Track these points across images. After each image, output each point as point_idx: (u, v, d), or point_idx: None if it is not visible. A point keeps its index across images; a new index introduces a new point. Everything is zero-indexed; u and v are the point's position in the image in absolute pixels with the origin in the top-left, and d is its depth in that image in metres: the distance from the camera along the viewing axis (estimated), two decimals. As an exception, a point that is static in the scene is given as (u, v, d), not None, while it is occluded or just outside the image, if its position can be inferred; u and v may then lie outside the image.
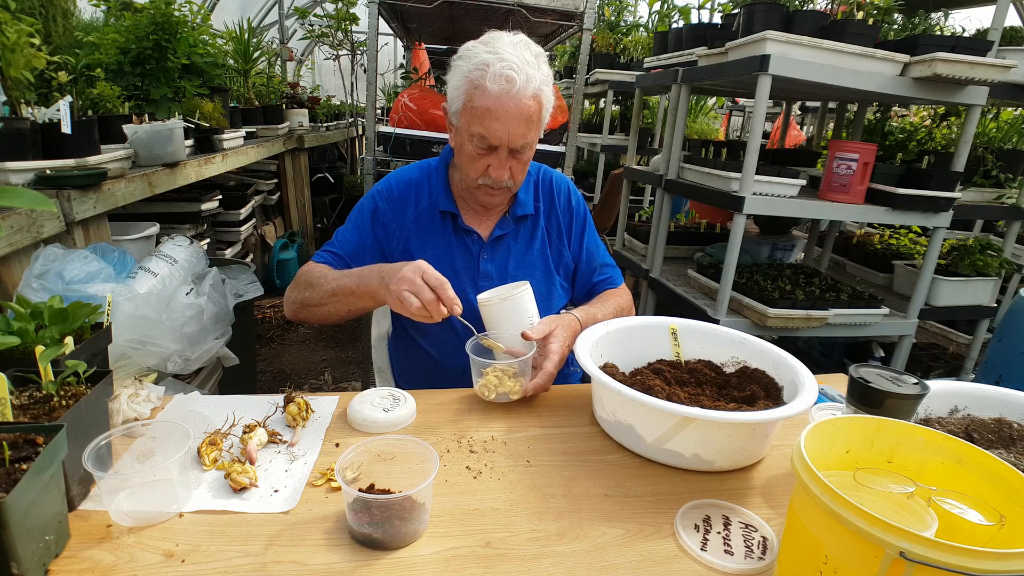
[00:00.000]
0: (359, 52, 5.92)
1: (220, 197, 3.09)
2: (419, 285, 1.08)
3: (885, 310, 2.46)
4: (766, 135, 6.08)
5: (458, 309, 1.10)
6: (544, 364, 1.17)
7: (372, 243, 1.41)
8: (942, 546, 0.53)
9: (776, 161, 3.00)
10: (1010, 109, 3.23)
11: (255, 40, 3.90)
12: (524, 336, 1.18)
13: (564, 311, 1.37)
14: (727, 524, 0.86)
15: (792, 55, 2.04)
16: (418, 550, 0.78)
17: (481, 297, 1.23)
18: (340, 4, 5.05)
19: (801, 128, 7.35)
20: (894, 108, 3.78)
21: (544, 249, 1.48)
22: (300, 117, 4.76)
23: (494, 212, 1.44)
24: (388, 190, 1.44)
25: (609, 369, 1.15)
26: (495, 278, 1.42)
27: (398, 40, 5.62)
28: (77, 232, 1.67)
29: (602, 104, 4.81)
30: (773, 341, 1.22)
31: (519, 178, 1.34)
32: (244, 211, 3.50)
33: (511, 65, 1.18)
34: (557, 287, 1.49)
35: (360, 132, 7.28)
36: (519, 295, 1.22)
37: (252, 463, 0.92)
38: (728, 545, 0.82)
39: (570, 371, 1.51)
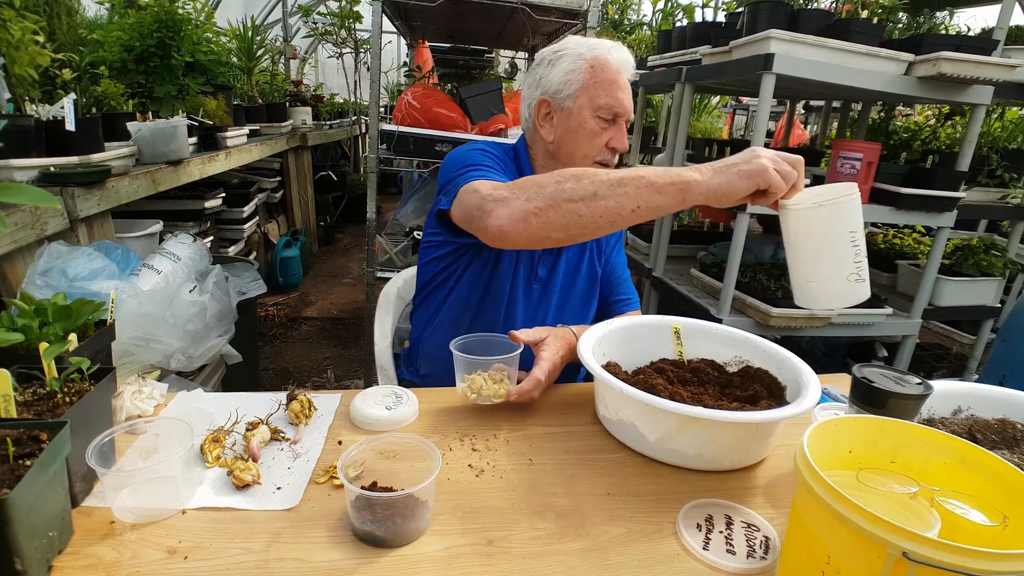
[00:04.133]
0: (362, 50, 5.93)
1: (223, 195, 3.11)
2: (782, 166, 0.92)
3: (888, 310, 2.45)
4: (770, 134, 6.07)
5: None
6: (533, 371, 1.13)
7: None
8: (945, 547, 0.53)
9: (780, 160, 2.99)
10: (1015, 109, 3.21)
11: (259, 38, 3.91)
12: (511, 337, 1.16)
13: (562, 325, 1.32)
14: (729, 524, 0.86)
15: (796, 54, 2.04)
16: (420, 548, 0.78)
17: (789, 202, 0.95)
18: (343, 2, 5.05)
19: (805, 127, 7.33)
20: (898, 107, 3.77)
21: (592, 259, 1.47)
22: (303, 115, 4.77)
23: None
24: (499, 156, 1.36)
25: (612, 368, 1.15)
26: (544, 281, 1.41)
27: (402, 38, 5.62)
28: (81, 229, 1.67)
29: (605, 103, 4.79)
30: (776, 341, 1.22)
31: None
32: (247, 209, 3.51)
33: (622, 47, 1.31)
34: (594, 302, 1.49)
35: (363, 130, 7.30)
36: (846, 198, 0.90)
37: (255, 460, 0.92)
38: (730, 544, 0.82)
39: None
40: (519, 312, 1.40)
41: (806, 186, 0.97)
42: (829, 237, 0.92)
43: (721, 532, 0.84)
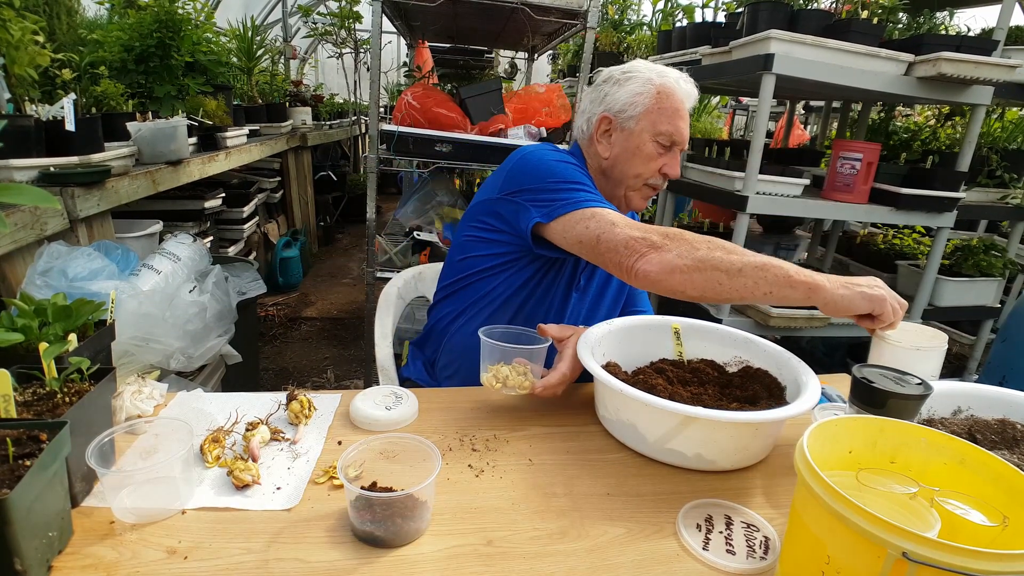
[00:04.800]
0: (362, 50, 5.93)
1: (223, 195, 3.10)
2: (894, 302, 1.04)
3: (888, 310, 2.45)
4: (770, 134, 6.06)
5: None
6: (558, 365, 1.14)
7: None
8: (945, 547, 0.53)
9: (780, 160, 3.00)
10: (1015, 109, 3.22)
11: (258, 38, 3.91)
12: (540, 331, 1.17)
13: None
14: (729, 524, 0.86)
15: (796, 54, 2.04)
16: (420, 548, 0.78)
17: (890, 336, 1.07)
18: (343, 2, 5.05)
19: (805, 127, 7.33)
20: (898, 107, 3.77)
21: None
22: (303, 115, 4.76)
23: None
24: (580, 167, 1.34)
25: (612, 368, 1.15)
26: (583, 288, 1.44)
27: (401, 38, 5.62)
28: (81, 229, 1.67)
29: (605, 103, 4.79)
30: (776, 341, 1.22)
31: None
32: (247, 209, 3.51)
33: (688, 78, 1.36)
34: (620, 304, 1.52)
35: (363, 130, 7.30)
36: (940, 348, 1.09)
37: (255, 460, 0.92)
38: (730, 545, 0.82)
39: None
40: (553, 316, 1.42)
41: None
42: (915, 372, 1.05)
43: (721, 532, 0.84)
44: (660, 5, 4.29)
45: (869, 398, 0.90)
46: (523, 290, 1.38)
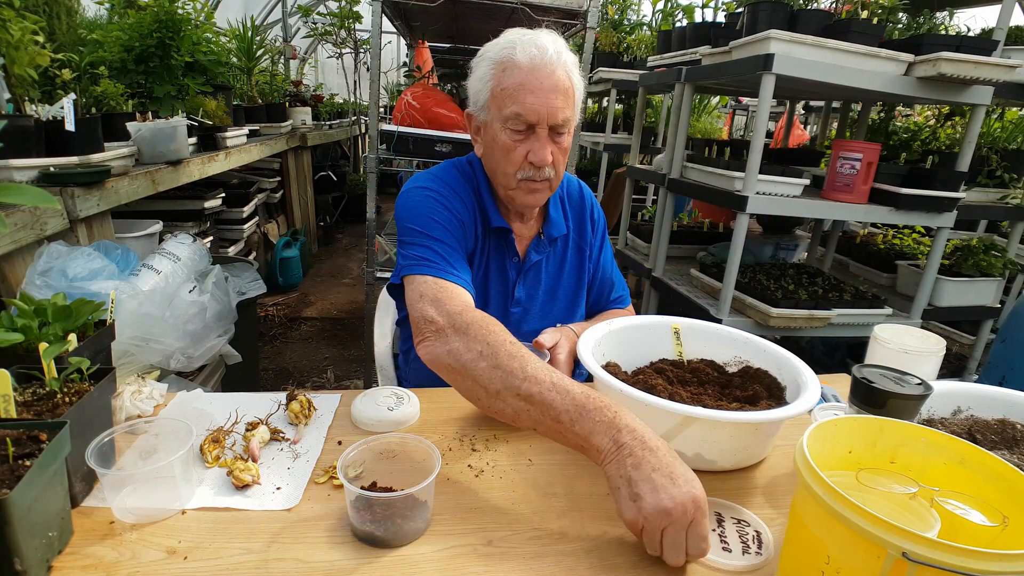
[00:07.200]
0: (362, 50, 5.93)
1: (223, 195, 3.11)
2: (680, 529, 0.73)
3: (888, 310, 2.45)
4: (769, 134, 6.07)
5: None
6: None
7: (459, 227, 1.23)
8: (945, 547, 0.53)
9: (779, 160, 3.00)
10: (1015, 109, 3.21)
11: (258, 38, 3.91)
12: (537, 344, 1.15)
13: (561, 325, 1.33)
14: (720, 521, 0.87)
15: (796, 54, 2.04)
16: (420, 548, 0.78)
17: (881, 336, 1.06)
18: (343, 2, 5.05)
19: (805, 127, 7.33)
20: (898, 107, 3.77)
21: (572, 270, 1.42)
22: (303, 115, 4.77)
23: (528, 233, 1.35)
24: (449, 186, 1.26)
25: (611, 368, 1.15)
26: (524, 303, 1.38)
27: (401, 38, 5.62)
28: (80, 229, 1.67)
29: (605, 103, 4.80)
30: (776, 341, 1.22)
31: (560, 169, 1.22)
32: (247, 209, 3.51)
33: (540, 38, 1.13)
34: (580, 309, 1.46)
35: (363, 130, 7.30)
36: (932, 353, 1.06)
37: (254, 460, 0.92)
38: (725, 542, 0.82)
39: (576, 373, 1.50)
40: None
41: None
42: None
43: (714, 530, 0.84)
44: (660, 5, 4.30)
45: (869, 398, 0.90)
46: None
